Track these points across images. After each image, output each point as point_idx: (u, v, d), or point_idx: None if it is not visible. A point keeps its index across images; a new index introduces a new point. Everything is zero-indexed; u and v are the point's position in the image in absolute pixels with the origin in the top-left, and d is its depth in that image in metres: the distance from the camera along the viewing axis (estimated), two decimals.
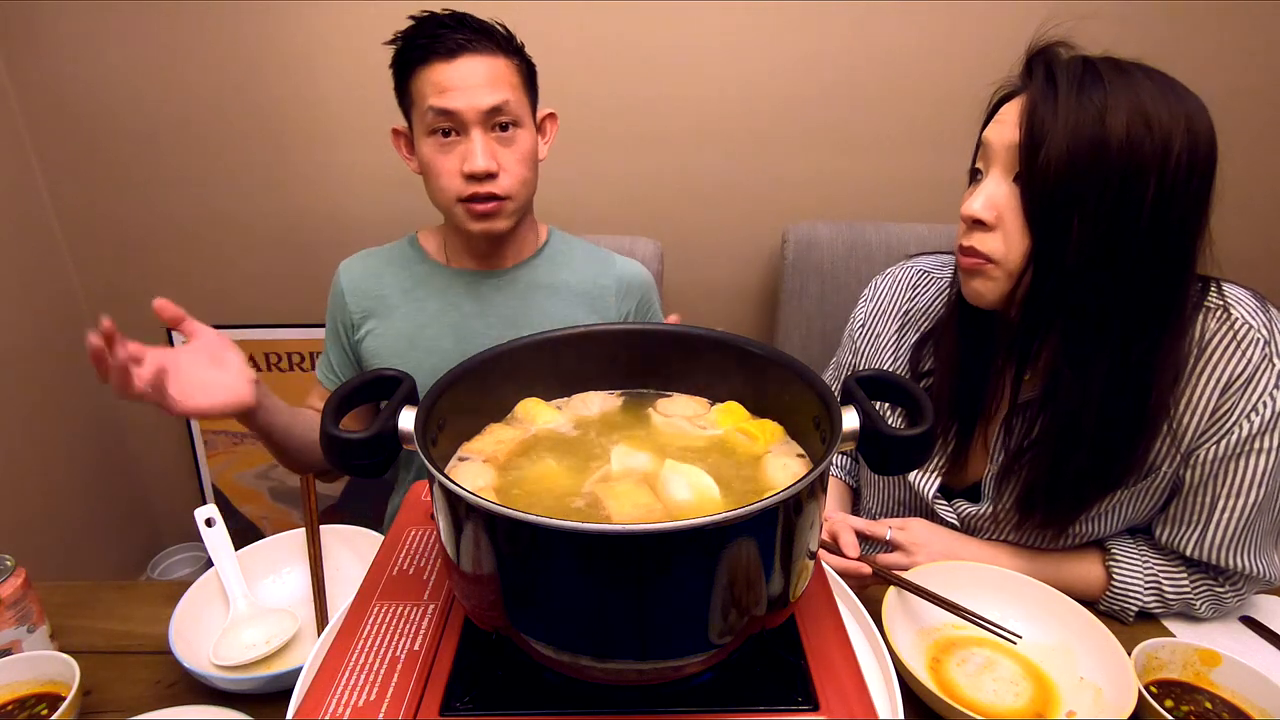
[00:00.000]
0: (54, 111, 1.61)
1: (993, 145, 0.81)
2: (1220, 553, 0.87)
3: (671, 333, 0.70)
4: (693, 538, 0.46)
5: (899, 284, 1.07)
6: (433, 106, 1.02)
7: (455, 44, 1.02)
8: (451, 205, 1.07)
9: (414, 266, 1.19)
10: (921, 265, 1.07)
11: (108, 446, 1.89)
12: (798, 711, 0.54)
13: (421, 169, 1.09)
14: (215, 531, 0.90)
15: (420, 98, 1.03)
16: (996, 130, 0.81)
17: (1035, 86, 0.77)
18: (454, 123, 1.03)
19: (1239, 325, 0.82)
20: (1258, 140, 1.63)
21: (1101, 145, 0.72)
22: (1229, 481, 0.84)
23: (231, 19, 1.53)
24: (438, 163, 1.05)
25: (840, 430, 0.54)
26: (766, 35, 1.56)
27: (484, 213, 1.06)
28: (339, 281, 1.20)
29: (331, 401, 0.57)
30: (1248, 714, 0.72)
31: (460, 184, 1.05)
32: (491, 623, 0.55)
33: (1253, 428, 0.82)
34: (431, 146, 1.05)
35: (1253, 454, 0.83)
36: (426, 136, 1.04)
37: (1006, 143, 0.79)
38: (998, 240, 0.80)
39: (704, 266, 1.76)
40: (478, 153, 1.02)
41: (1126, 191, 0.73)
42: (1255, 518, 0.85)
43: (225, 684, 0.75)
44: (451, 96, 1.01)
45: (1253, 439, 0.82)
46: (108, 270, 1.76)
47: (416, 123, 1.06)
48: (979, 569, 0.87)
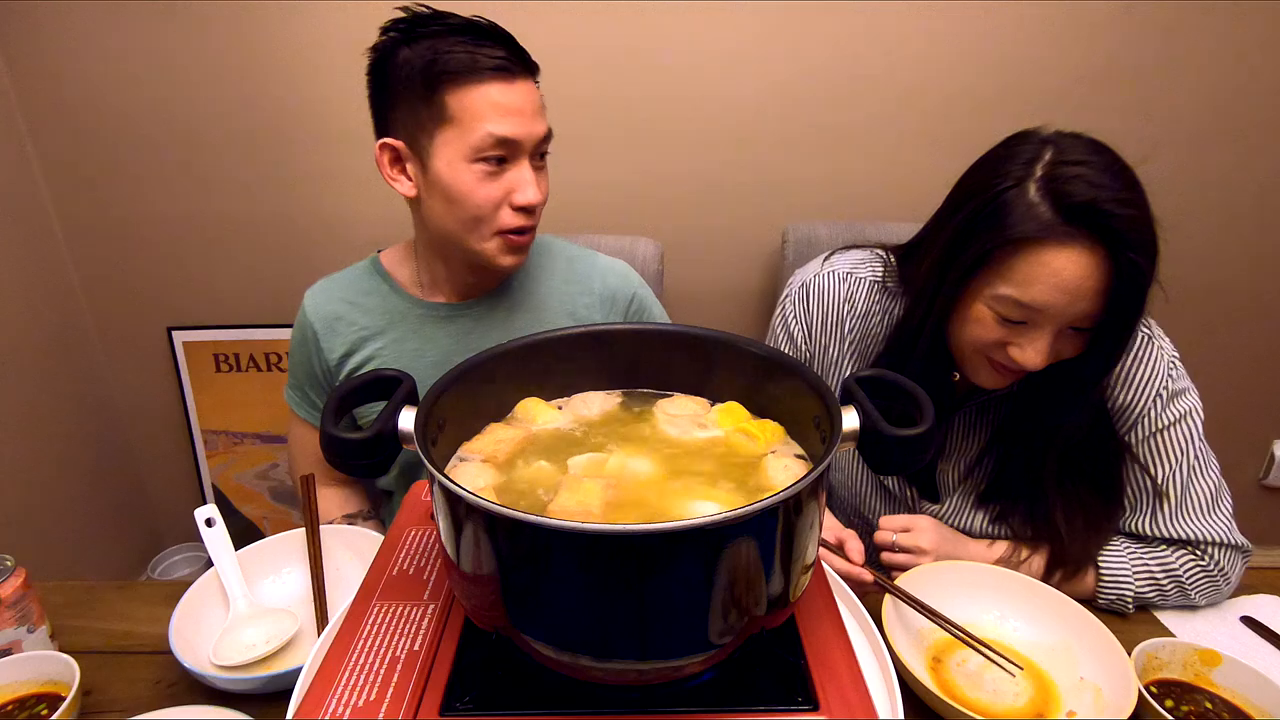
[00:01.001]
0: (54, 111, 1.61)
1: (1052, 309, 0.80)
2: (1175, 525, 0.92)
3: (671, 333, 0.70)
4: (693, 538, 0.46)
5: (830, 294, 1.06)
6: (493, 133, 0.92)
7: (510, 64, 0.94)
8: (486, 238, 0.99)
9: (386, 300, 1.10)
10: (841, 267, 1.06)
11: (108, 447, 1.89)
12: (798, 711, 0.54)
13: (447, 195, 0.96)
14: (215, 531, 0.90)
15: (469, 118, 0.92)
16: (1057, 299, 0.79)
17: (1122, 265, 0.76)
18: (509, 151, 0.95)
19: None
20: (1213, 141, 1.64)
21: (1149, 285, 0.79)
22: (1160, 455, 0.93)
23: (231, 20, 1.53)
24: (479, 192, 0.95)
25: (840, 430, 0.54)
26: (767, 36, 1.56)
27: (523, 244, 1.01)
28: (308, 321, 1.11)
29: (331, 401, 0.57)
30: (1248, 714, 0.72)
31: (506, 216, 0.97)
32: (491, 623, 0.55)
33: (1163, 401, 0.92)
34: (476, 174, 0.94)
35: (1172, 425, 0.92)
36: (469, 162, 0.94)
37: (1076, 312, 0.80)
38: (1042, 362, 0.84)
39: (704, 266, 1.76)
40: (532, 184, 0.96)
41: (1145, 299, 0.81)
42: (1191, 480, 0.93)
43: (225, 684, 0.75)
44: (515, 123, 0.93)
45: (1166, 412, 0.92)
46: (107, 269, 1.76)
47: (448, 144, 0.94)
48: (979, 569, 0.87)
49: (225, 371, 1.84)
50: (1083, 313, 0.80)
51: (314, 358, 1.11)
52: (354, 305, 1.10)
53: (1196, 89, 1.58)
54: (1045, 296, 0.79)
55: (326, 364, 1.10)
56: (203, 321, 1.81)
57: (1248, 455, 2.01)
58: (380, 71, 0.97)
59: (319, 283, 1.14)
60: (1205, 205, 1.65)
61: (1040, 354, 0.82)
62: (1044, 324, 0.82)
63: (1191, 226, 1.63)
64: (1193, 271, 1.68)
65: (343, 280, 1.13)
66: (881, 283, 1.03)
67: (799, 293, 1.08)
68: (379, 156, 1.00)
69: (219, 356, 1.83)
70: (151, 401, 1.89)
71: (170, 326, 1.81)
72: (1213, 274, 1.70)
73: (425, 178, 0.97)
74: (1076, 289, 0.78)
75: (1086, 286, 0.78)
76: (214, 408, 1.88)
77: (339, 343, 1.09)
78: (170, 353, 1.84)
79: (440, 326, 1.09)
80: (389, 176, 1.00)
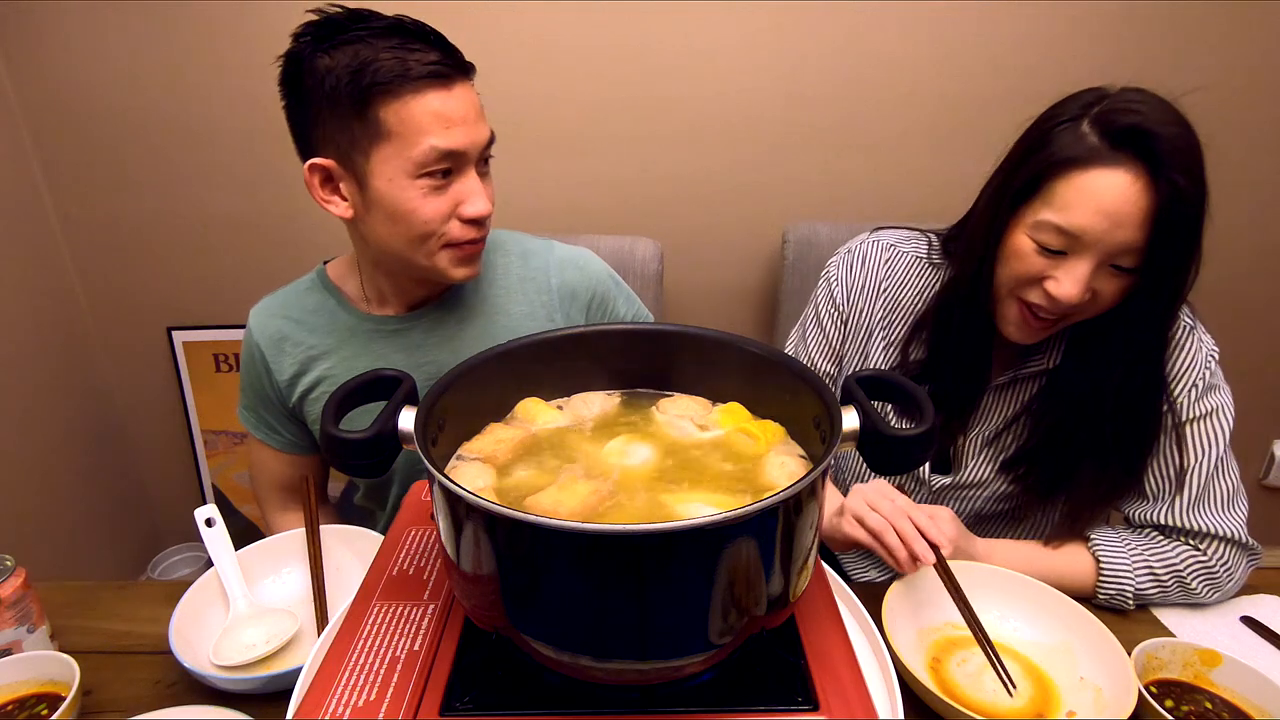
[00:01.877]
0: (54, 111, 1.61)
1: (1090, 234, 0.79)
2: (1189, 515, 0.91)
3: (672, 333, 0.70)
4: (693, 538, 0.46)
5: (872, 260, 1.09)
6: (436, 146, 0.85)
7: (446, 68, 0.86)
8: (434, 252, 0.93)
9: (334, 316, 1.04)
10: (886, 239, 1.09)
11: (108, 447, 1.89)
12: (798, 711, 0.54)
13: (389, 214, 0.89)
14: (215, 531, 0.90)
15: (408, 131, 0.85)
16: (1099, 224, 0.78)
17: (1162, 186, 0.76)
18: (454, 163, 0.88)
19: None
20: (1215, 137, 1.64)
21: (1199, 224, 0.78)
22: (1187, 446, 0.91)
23: (231, 19, 1.53)
24: (425, 208, 0.88)
25: (840, 430, 0.54)
26: (767, 36, 1.56)
27: (475, 254, 0.96)
28: (254, 342, 1.05)
29: (331, 401, 0.57)
30: (1248, 714, 0.72)
31: (455, 229, 0.91)
32: (491, 623, 0.55)
33: (1198, 392, 0.91)
34: (421, 189, 0.88)
35: (1203, 418, 0.91)
36: (412, 179, 0.87)
37: (1117, 241, 0.79)
38: (1084, 304, 0.84)
39: (704, 266, 1.76)
40: (480, 194, 0.91)
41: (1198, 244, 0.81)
42: (1214, 474, 0.91)
43: (225, 684, 0.75)
44: (458, 133, 0.87)
45: (1199, 403, 0.91)
46: (108, 270, 1.76)
47: (387, 161, 0.86)
48: (979, 569, 0.87)
49: (225, 371, 1.84)
50: (1124, 242, 0.78)
51: (264, 379, 1.06)
52: (300, 324, 1.04)
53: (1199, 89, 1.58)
54: (1085, 220, 0.78)
55: (277, 385, 1.05)
56: (203, 321, 1.81)
57: (1248, 455, 2.01)
58: (295, 84, 0.88)
59: (263, 300, 1.08)
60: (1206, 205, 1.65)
61: (1077, 284, 0.80)
62: (1083, 253, 0.80)
63: None
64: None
65: (288, 297, 1.07)
66: (926, 258, 1.05)
67: (844, 257, 1.11)
68: (308, 179, 0.91)
69: (219, 356, 1.84)
70: (151, 401, 1.89)
71: (170, 326, 1.81)
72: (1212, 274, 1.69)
73: (364, 196, 0.90)
74: (1117, 213, 0.77)
75: (1127, 211, 0.77)
76: (214, 408, 1.88)
77: (287, 363, 1.04)
78: (170, 353, 1.84)
79: (390, 341, 1.03)
80: (321, 199, 0.92)
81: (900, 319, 1.05)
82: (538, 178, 1.65)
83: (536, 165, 1.64)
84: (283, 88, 0.90)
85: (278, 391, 1.06)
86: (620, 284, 1.15)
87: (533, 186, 1.65)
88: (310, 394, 1.04)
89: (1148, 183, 0.77)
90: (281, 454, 1.11)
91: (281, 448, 1.10)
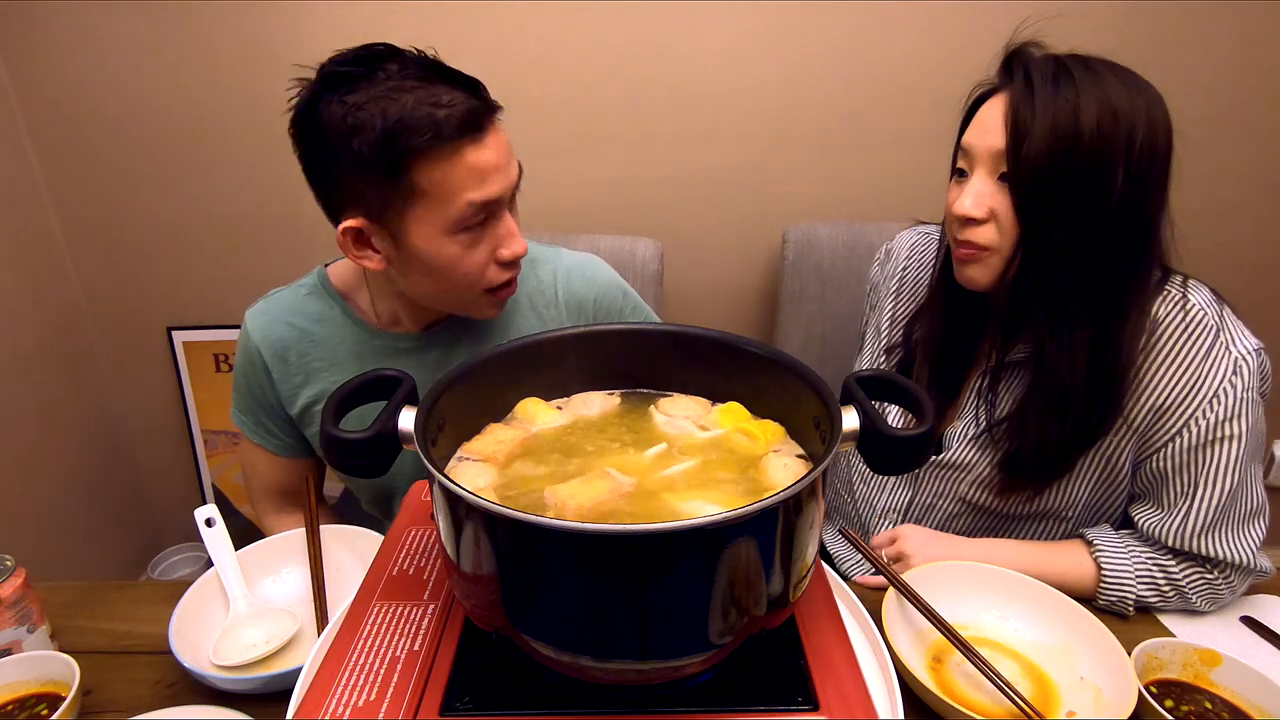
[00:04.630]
0: (54, 112, 1.61)
1: (975, 148, 0.88)
2: (1199, 540, 0.88)
3: (671, 333, 0.70)
4: (693, 538, 0.46)
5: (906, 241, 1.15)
6: (474, 200, 0.82)
7: (477, 113, 0.81)
8: (474, 297, 0.91)
9: (341, 329, 1.00)
10: (926, 228, 1.15)
11: (108, 447, 1.89)
12: (798, 711, 0.54)
13: (428, 269, 0.86)
14: (215, 531, 0.90)
15: (445, 193, 0.81)
16: (978, 133, 0.88)
17: (1015, 88, 0.85)
18: (489, 211, 0.85)
19: (1193, 310, 0.89)
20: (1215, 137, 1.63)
21: (1075, 139, 0.81)
22: (1201, 469, 0.88)
23: (231, 19, 1.53)
24: (466, 261, 0.86)
25: (840, 430, 0.54)
26: (767, 36, 1.56)
27: (510, 296, 0.94)
28: (253, 347, 1.00)
29: (331, 401, 0.57)
30: (1248, 714, 0.72)
31: (494, 273, 0.89)
32: (491, 623, 0.55)
33: (1217, 416, 0.86)
34: (460, 244, 0.85)
35: (1220, 441, 0.87)
36: (451, 235, 0.84)
37: (989, 146, 0.86)
38: (991, 231, 0.88)
39: (704, 266, 1.76)
40: (516, 235, 0.89)
41: (1099, 179, 0.81)
42: (1229, 504, 0.88)
43: (225, 684, 0.75)
44: (493, 184, 0.83)
45: (1219, 426, 0.86)
46: (108, 271, 1.76)
47: (422, 221, 0.83)
48: (979, 569, 0.87)
49: (225, 371, 1.84)
50: (991, 147, 0.85)
51: (265, 388, 1.02)
52: (304, 333, 1.00)
53: (1197, 89, 1.58)
54: (971, 135, 0.89)
55: (279, 397, 1.02)
56: (203, 321, 1.81)
57: None
58: (314, 138, 0.82)
59: (260, 303, 1.03)
60: (1206, 204, 1.65)
61: (968, 194, 0.87)
62: (976, 168, 0.88)
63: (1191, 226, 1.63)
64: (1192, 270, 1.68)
65: (288, 302, 1.02)
66: None
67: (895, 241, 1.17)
68: (342, 241, 0.86)
69: (219, 356, 1.84)
70: (151, 401, 1.89)
71: (170, 326, 1.81)
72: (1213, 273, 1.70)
73: (399, 251, 0.86)
74: (989, 121, 0.86)
75: (994, 118, 0.85)
76: (214, 408, 1.89)
77: (292, 374, 1.00)
78: (170, 353, 1.84)
79: (404, 359, 1.00)
80: (355, 257, 0.87)
81: (913, 297, 1.10)
82: (538, 178, 1.64)
83: (537, 165, 1.63)
84: (296, 137, 0.85)
85: (278, 399, 1.03)
86: (629, 293, 1.12)
87: (533, 186, 1.64)
88: (314, 407, 1.01)
89: (1009, 91, 0.85)
90: (278, 458, 1.08)
91: (279, 451, 1.08)
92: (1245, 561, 0.88)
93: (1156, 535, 0.91)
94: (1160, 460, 0.90)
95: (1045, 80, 0.83)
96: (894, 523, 1.09)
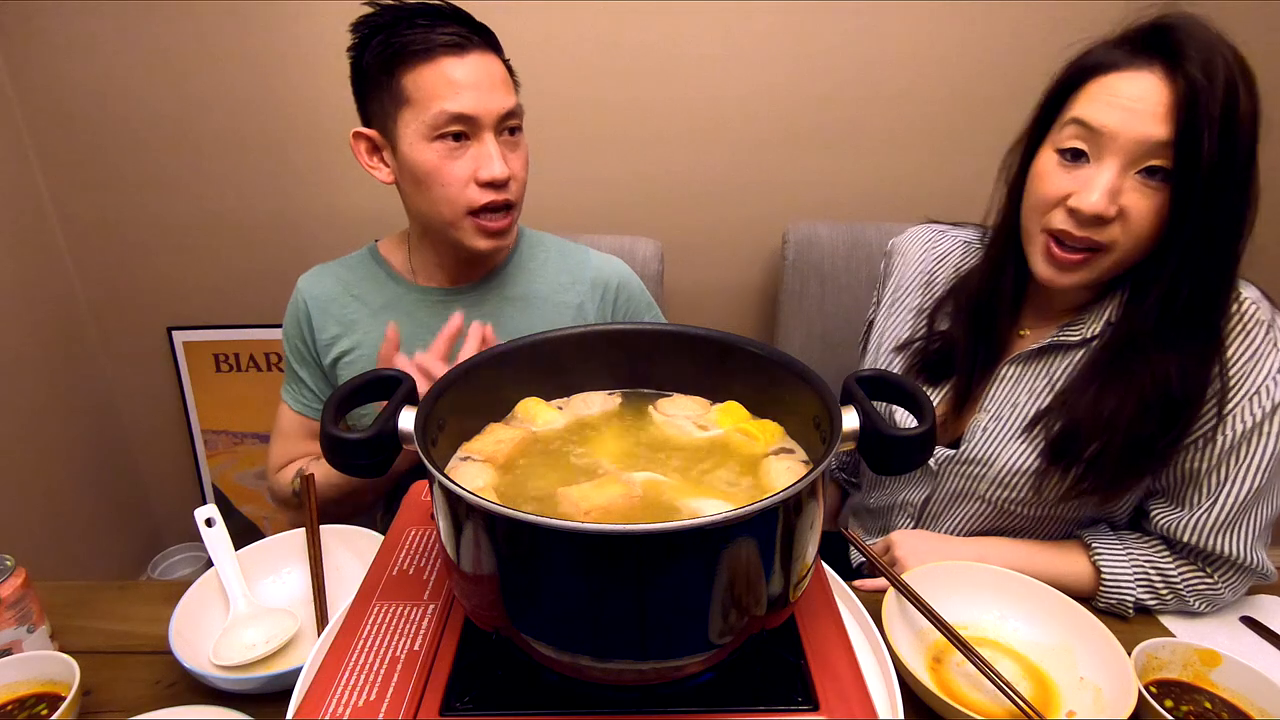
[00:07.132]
0: (54, 112, 1.61)
1: (1114, 132, 0.77)
2: (1212, 537, 0.87)
3: (672, 333, 0.70)
4: (693, 538, 0.46)
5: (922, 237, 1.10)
6: (447, 109, 0.93)
7: (462, 38, 0.94)
8: (459, 219, 1.00)
9: (381, 284, 1.12)
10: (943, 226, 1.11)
11: (108, 447, 1.89)
12: (798, 711, 0.54)
13: (415, 177, 0.98)
14: (215, 531, 0.90)
15: (423, 97, 0.94)
16: (1120, 117, 0.77)
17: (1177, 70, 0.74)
18: (467, 127, 0.95)
19: (1245, 305, 0.85)
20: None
21: (1238, 130, 0.74)
22: (1231, 465, 0.85)
23: (231, 20, 1.53)
24: (445, 170, 0.96)
25: (840, 430, 0.54)
26: (767, 36, 1.56)
27: (498, 229, 1.01)
28: (302, 303, 1.12)
29: (331, 402, 0.57)
30: (1248, 714, 0.72)
31: (474, 193, 0.97)
32: (491, 623, 0.55)
33: (1256, 414, 0.83)
34: (438, 152, 0.96)
35: (1255, 438, 0.84)
36: (429, 141, 0.95)
37: (1137, 136, 0.76)
38: (1116, 230, 0.80)
39: (704, 266, 1.76)
40: (495, 158, 0.96)
41: (1247, 167, 0.75)
42: (1251, 502, 0.86)
43: (225, 684, 0.75)
44: (468, 98, 0.94)
45: (1259, 425, 0.83)
46: (108, 271, 1.76)
47: (408, 125, 0.96)
48: (979, 569, 0.87)
49: (225, 371, 1.84)
50: (1144, 136, 0.75)
51: (304, 334, 1.12)
52: (348, 288, 1.12)
53: None
54: (1105, 115, 0.77)
55: (316, 344, 1.11)
56: (203, 321, 1.81)
57: None
58: (356, 67, 1.00)
59: (315, 267, 1.16)
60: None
61: (1101, 190, 0.77)
62: (1105, 156, 0.78)
63: None
64: None
65: (339, 266, 1.15)
66: (969, 244, 1.06)
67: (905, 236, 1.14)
68: (354, 145, 1.03)
69: (219, 356, 1.84)
70: (151, 402, 1.89)
71: (170, 326, 1.81)
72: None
73: (397, 161, 1.00)
74: (1135, 107, 0.75)
75: (1147, 105, 0.75)
76: (214, 408, 1.89)
77: (330, 322, 1.10)
78: (170, 353, 1.84)
79: (433, 310, 1.10)
80: (366, 165, 1.04)
81: (933, 291, 1.06)
82: (538, 177, 1.64)
83: (537, 165, 1.63)
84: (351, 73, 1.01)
85: (317, 353, 1.11)
86: (646, 293, 1.24)
87: (533, 186, 1.64)
88: (346, 357, 1.10)
89: (1167, 77, 0.75)
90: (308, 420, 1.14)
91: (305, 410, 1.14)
92: (1253, 562, 0.87)
93: (1168, 529, 0.89)
94: (1193, 458, 0.86)
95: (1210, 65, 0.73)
96: (910, 517, 1.08)
